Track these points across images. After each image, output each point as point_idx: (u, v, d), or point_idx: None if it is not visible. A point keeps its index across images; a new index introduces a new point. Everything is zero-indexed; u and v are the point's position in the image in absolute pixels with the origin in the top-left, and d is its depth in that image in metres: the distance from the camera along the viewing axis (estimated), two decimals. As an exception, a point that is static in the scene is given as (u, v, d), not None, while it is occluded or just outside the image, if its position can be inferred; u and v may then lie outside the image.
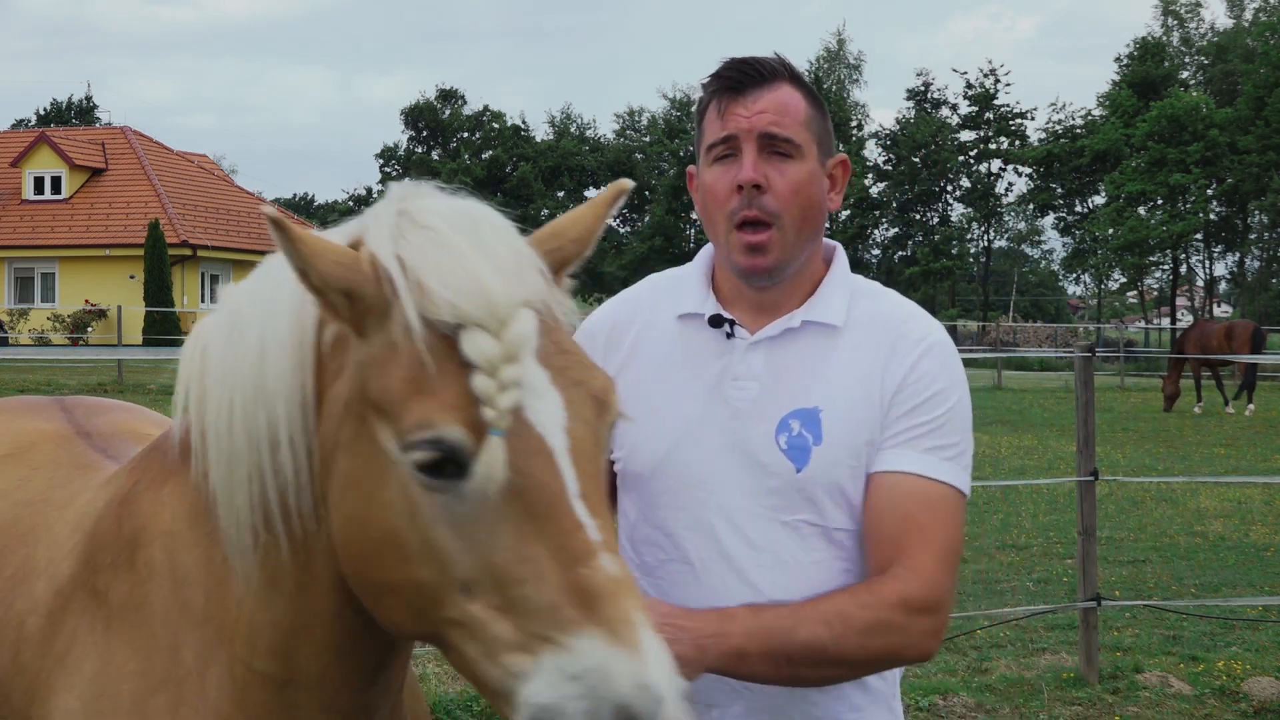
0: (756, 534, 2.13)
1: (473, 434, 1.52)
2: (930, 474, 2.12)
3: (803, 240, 2.18)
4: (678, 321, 2.26)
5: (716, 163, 2.18)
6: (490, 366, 1.53)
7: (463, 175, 66.53)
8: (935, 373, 2.16)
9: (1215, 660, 7.15)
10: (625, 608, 1.50)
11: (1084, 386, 7.16)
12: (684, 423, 2.18)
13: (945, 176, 62.57)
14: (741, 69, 2.18)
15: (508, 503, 1.54)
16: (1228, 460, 16.95)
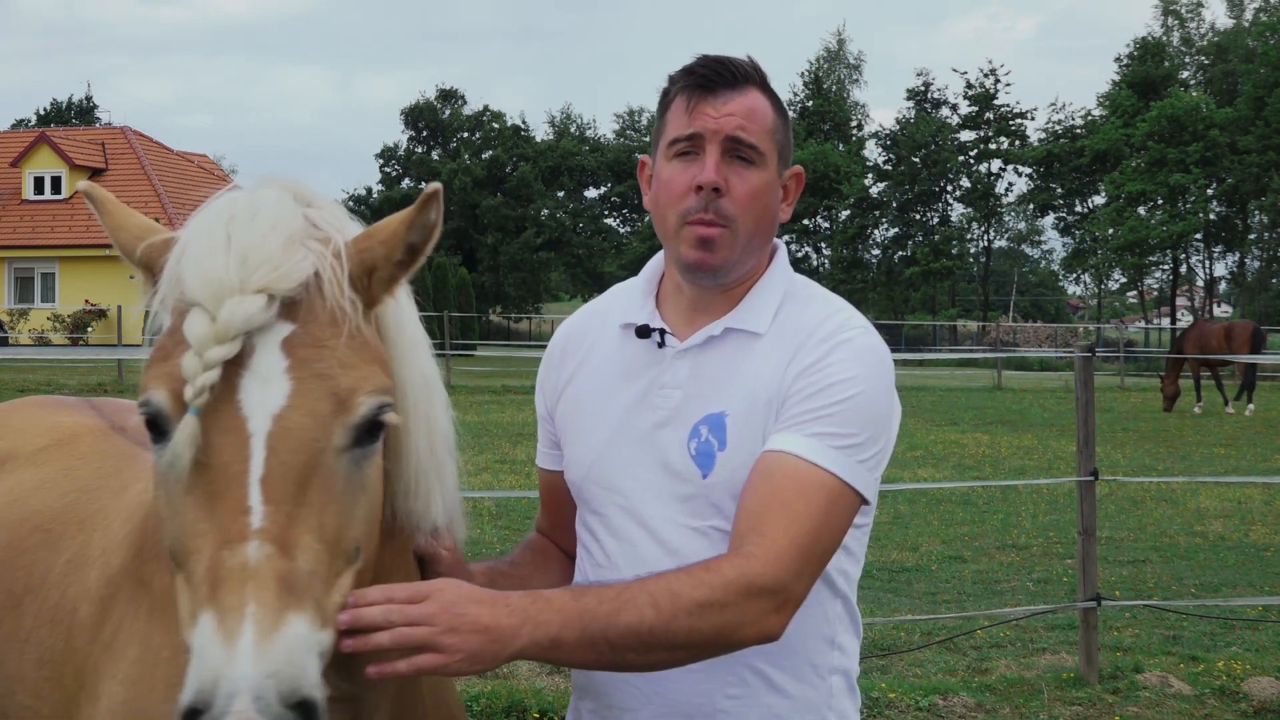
0: (673, 541, 2.13)
1: (177, 405, 1.59)
2: (812, 458, 2.01)
3: (752, 248, 2.17)
4: (620, 331, 2.27)
5: (677, 158, 2.16)
6: (199, 346, 1.59)
7: (463, 175, 66.54)
8: (841, 364, 2.07)
9: (1215, 660, 7.14)
10: (242, 596, 1.49)
11: (1084, 386, 7.15)
12: (611, 432, 2.20)
13: (945, 176, 62.54)
14: (715, 68, 2.16)
15: (196, 477, 1.59)
16: (1228, 460, 16.94)
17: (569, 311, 12.69)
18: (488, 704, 6.22)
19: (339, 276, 1.71)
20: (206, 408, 1.59)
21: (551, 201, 70.23)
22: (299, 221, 1.73)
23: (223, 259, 1.63)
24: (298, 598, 1.53)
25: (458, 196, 66.81)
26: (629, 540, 2.17)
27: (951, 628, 7.69)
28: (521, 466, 14.39)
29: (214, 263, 1.63)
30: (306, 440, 1.62)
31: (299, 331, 1.65)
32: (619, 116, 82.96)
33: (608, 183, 75.20)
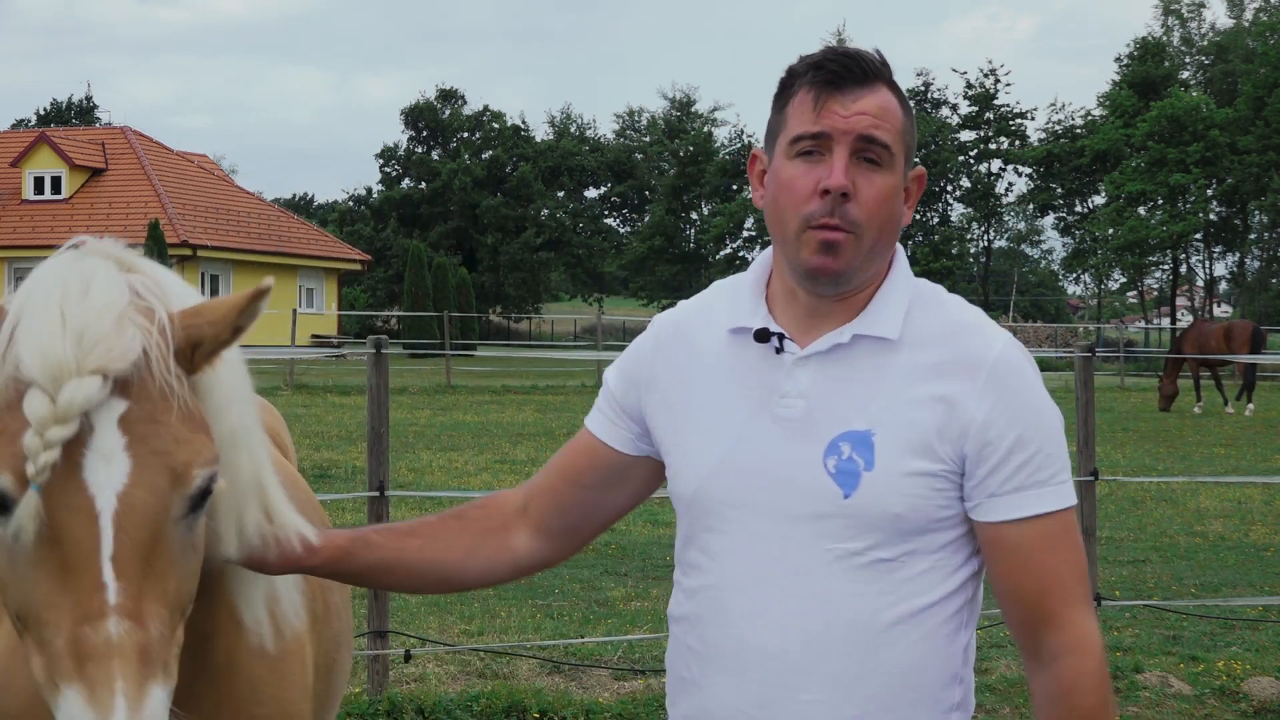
0: (796, 561, 2.01)
1: (19, 483, 1.65)
2: (1047, 509, 2.01)
3: (875, 254, 2.04)
4: (729, 335, 2.13)
5: (800, 157, 2.02)
6: (40, 425, 1.65)
7: (463, 175, 66.54)
8: (1015, 400, 2.02)
9: (1215, 660, 7.15)
10: (109, 672, 1.61)
11: (1084, 386, 7.16)
12: (726, 442, 2.07)
13: (945, 176, 62.56)
14: (845, 63, 2.03)
15: (46, 551, 1.66)
16: (1228, 460, 16.95)
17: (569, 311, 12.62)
18: (488, 704, 6.22)
19: (165, 354, 1.77)
20: (49, 485, 1.66)
21: (551, 201, 70.21)
22: (127, 295, 1.79)
23: (60, 340, 1.69)
24: (154, 666, 1.65)
25: (458, 196, 66.83)
26: (748, 557, 2.04)
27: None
28: (521, 466, 14.38)
29: (51, 343, 1.68)
30: (149, 515, 1.71)
31: (133, 408, 1.73)
32: (619, 116, 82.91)
33: (608, 183, 75.17)
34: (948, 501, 2.02)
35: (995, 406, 2.00)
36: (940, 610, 2.03)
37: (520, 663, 7.04)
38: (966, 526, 2.05)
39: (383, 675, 6.43)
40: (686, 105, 75.22)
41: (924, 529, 2.01)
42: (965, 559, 2.06)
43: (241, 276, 45.21)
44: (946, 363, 2.02)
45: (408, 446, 16.21)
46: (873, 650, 1.99)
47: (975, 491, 2.01)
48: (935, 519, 2.01)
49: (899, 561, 2.00)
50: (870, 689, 1.99)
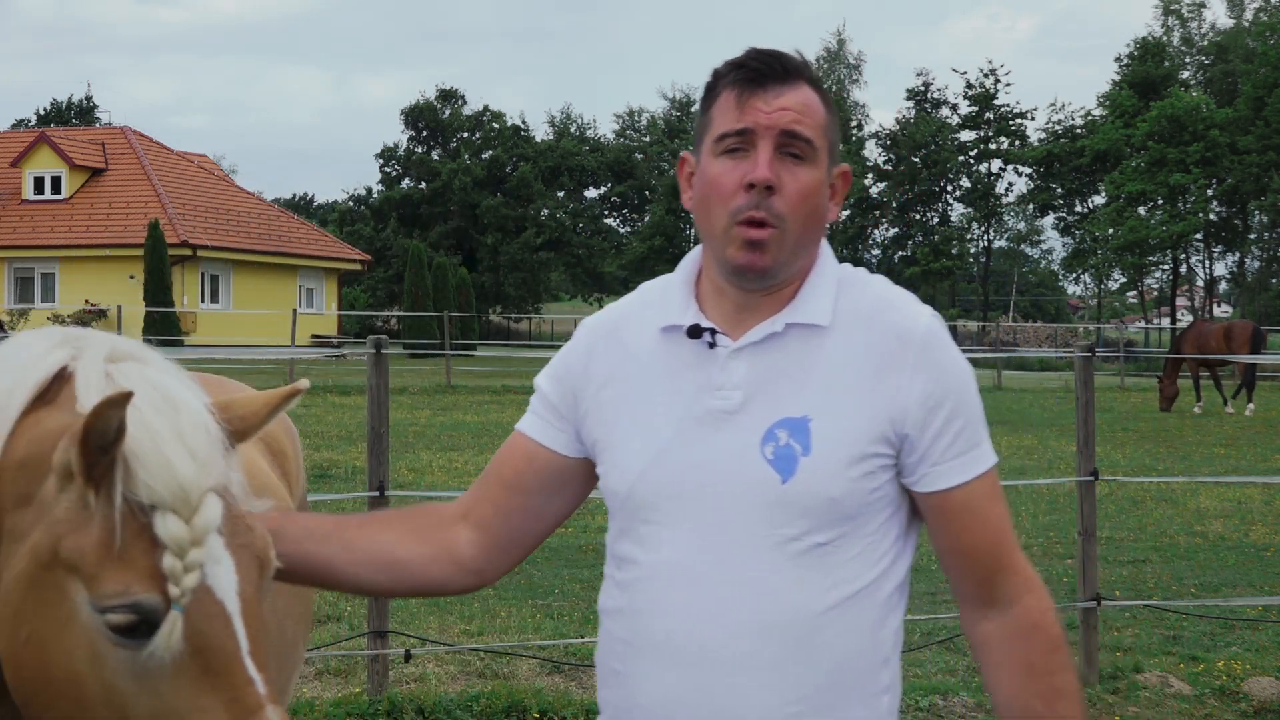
0: (733, 549, 2.04)
1: (165, 602, 1.70)
2: (983, 469, 2.11)
3: (800, 248, 2.10)
4: (660, 333, 2.17)
5: (726, 155, 2.07)
6: (179, 549, 1.71)
7: (463, 175, 66.54)
8: (945, 373, 2.10)
9: (1215, 660, 7.15)
10: None
11: (1084, 386, 7.16)
12: (662, 437, 2.10)
13: (945, 176, 62.57)
14: (766, 61, 2.09)
15: (188, 659, 1.71)
16: (1228, 460, 16.95)
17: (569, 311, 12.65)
18: (488, 704, 6.22)
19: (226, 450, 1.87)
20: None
21: (551, 201, 70.20)
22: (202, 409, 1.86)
23: (185, 463, 1.75)
24: None
25: (458, 196, 66.84)
26: (686, 549, 2.06)
27: (951, 628, 7.68)
28: (521, 466, 14.36)
29: (179, 467, 1.74)
30: (256, 607, 1.82)
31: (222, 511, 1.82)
32: (619, 116, 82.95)
33: (608, 183, 75.17)
34: (880, 484, 2.07)
35: (929, 381, 2.07)
36: (873, 594, 2.08)
37: (520, 663, 7.04)
38: (893, 508, 2.11)
39: (383, 675, 6.43)
40: (686, 105, 75.21)
41: (857, 512, 2.06)
42: (893, 542, 2.12)
43: (241, 276, 45.21)
44: (875, 343, 2.08)
45: (408, 446, 16.21)
46: (810, 635, 2.03)
47: (919, 464, 2.08)
48: (867, 502, 2.07)
49: (834, 545, 2.05)
50: (809, 674, 2.02)
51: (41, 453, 1.79)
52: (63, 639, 1.73)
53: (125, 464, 1.73)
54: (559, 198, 72.13)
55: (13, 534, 1.79)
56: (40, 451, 1.79)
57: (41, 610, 1.74)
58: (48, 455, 1.77)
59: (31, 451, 1.80)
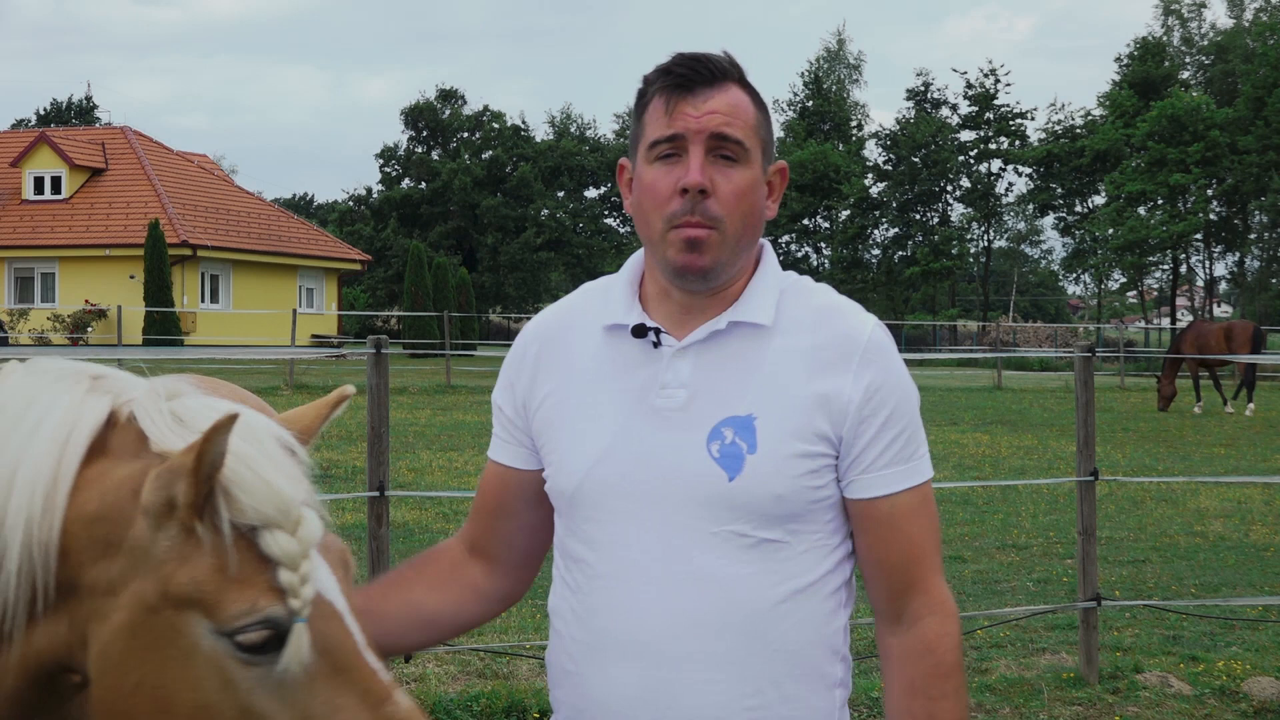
0: (683, 546, 2.06)
1: (288, 615, 1.74)
2: (912, 483, 2.12)
3: (740, 247, 2.11)
4: (604, 332, 2.18)
5: (658, 161, 2.09)
6: (292, 562, 1.75)
7: (463, 175, 66.53)
8: (886, 382, 2.11)
9: (1215, 660, 7.15)
10: None
11: (1084, 386, 7.15)
12: (608, 435, 2.12)
13: (945, 176, 62.55)
14: (693, 66, 2.10)
15: (317, 663, 1.76)
16: (1228, 460, 16.95)
17: (569, 311, 12.41)
18: (488, 704, 6.22)
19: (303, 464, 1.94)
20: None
21: (551, 201, 70.20)
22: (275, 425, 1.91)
23: (286, 482, 1.80)
24: None
25: (458, 196, 66.83)
26: (636, 547, 2.09)
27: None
28: (521, 466, 14.37)
29: (282, 488, 1.79)
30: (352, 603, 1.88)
31: None
32: (619, 116, 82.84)
33: (608, 183, 75.12)
34: (825, 482, 2.10)
35: (870, 387, 2.10)
36: (821, 589, 2.11)
37: (520, 663, 7.04)
38: (839, 510, 2.14)
39: (383, 675, 6.43)
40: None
41: (803, 510, 2.09)
42: (840, 540, 2.15)
43: (241, 276, 45.21)
44: (820, 346, 2.11)
45: (408, 446, 16.21)
46: (762, 630, 2.05)
47: (850, 469, 2.11)
48: (814, 500, 2.09)
49: (782, 542, 2.08)
50: (765, 667, 2.06)
51: (119, 502, 1.79)
52: (185, 675, 1.75)
53: (225, 490, 1.76)
54: (559, 198, 72.11)
55: (94, 589, 1.80)
56: (119, 500, 1.79)
57: (153, 654, 1.76)
58: (128, 503, 1.78)
59: (108, 502, 1.80)
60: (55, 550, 1.79)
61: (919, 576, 2.14)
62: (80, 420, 1.85)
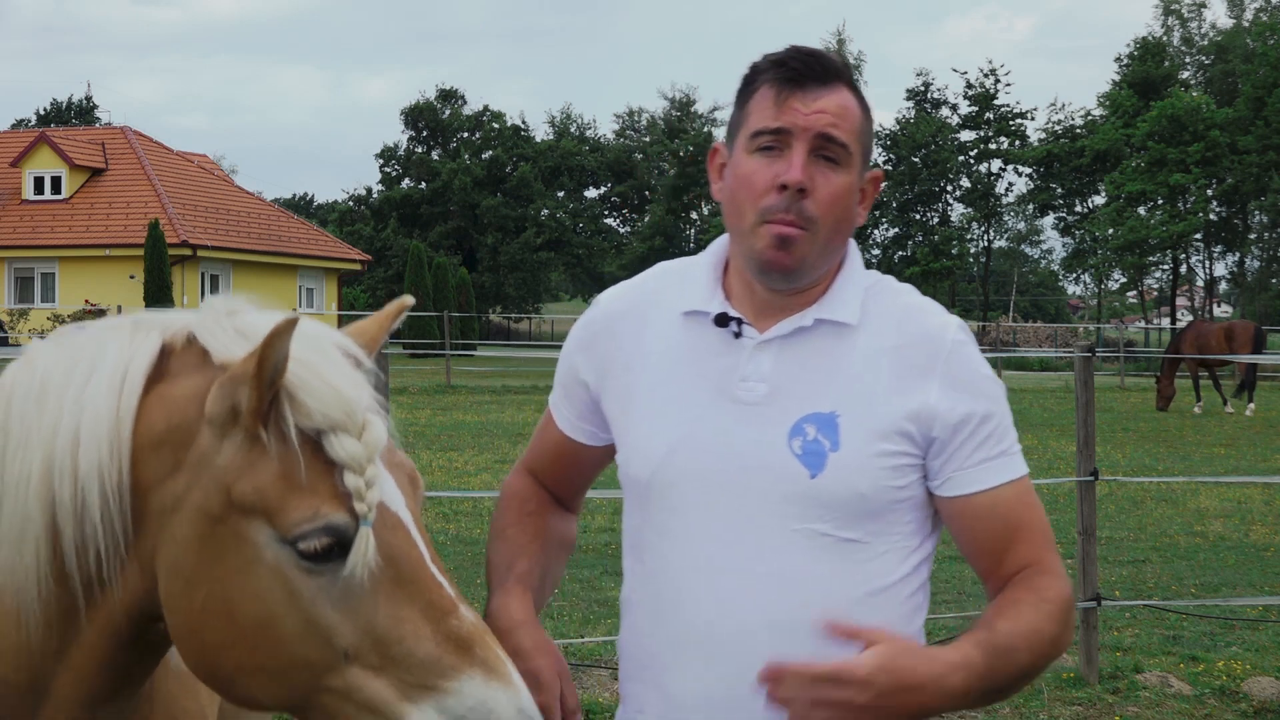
0: (759, 541, 2.03)
1: (353, 520, 1.73)
2: (1013, 476, 2.10)
3: (829, 251, 2.09)
4: (682, 318, 2.16)
5: (759, 152, 2.06)
6: (357, 465, 1.75)
7: (463, 175, 66.50)
8: (974, 379, 2.10)
9: (1215, 660, 7.15)
10: (494, 649, 1.76)
11: (1084, 386, 7.15)
12: (685, 423, 2.09)
13: (945, 176, 62.54)
14: (807, 62, 2.07)
15: (381, 573, 1.74)
16: (1228, 460, 16.94)
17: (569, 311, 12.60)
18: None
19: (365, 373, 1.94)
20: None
21: (551, 201, 70.16)
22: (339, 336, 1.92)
23: (350, 386, 1.80)
24: None
25: (458, 196, 66.80)
26: (713, 541, 2.05)
27: (951, 628, 7.68)
28: (521, 466, 14.36)
29: (348, 391, 1.79)
30: (420, 521, 1.87)
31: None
32: (619, 116, 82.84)
33: (608, 183, 75.13)
34: (907, 482, 2.07)
35: (957, 387, 2.08)
36: (899, 591, 2.08)
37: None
38: (920, 510, 2.11)
39: (383, 675, 6.42)
40: (686, 105, 75.17)
41: (885, 510, 2.06)
42: (920, 542, 2.12)
43: (241, 276, 45.17)
44: (905, 346, 2.09)
45: (407, 446, 16.08)
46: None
47: (944, 468, 2.08)
48: (895, 500, 2.07)
49: (862, 543, 2.05)
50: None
51: (185, 417, 1.79)
52: (249, 586, 1.74)
53: (289, 395, 1.76)
54: (559, 198, 72.08)
55: (162, 510, 1.80)
56: (183, 417, 1.80)
57: (217, 566, 1.75)
58: (193, 416, 1.78)
59: (173, 421, 1.80)
60: (128, 489, 1.79)
61: (1034, 557, 2.11)
62: (134, 358, 1.84)
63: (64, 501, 1.80)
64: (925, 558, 2.13)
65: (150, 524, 1.81)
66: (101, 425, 1.80)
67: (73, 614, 1.85)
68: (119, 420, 1.80)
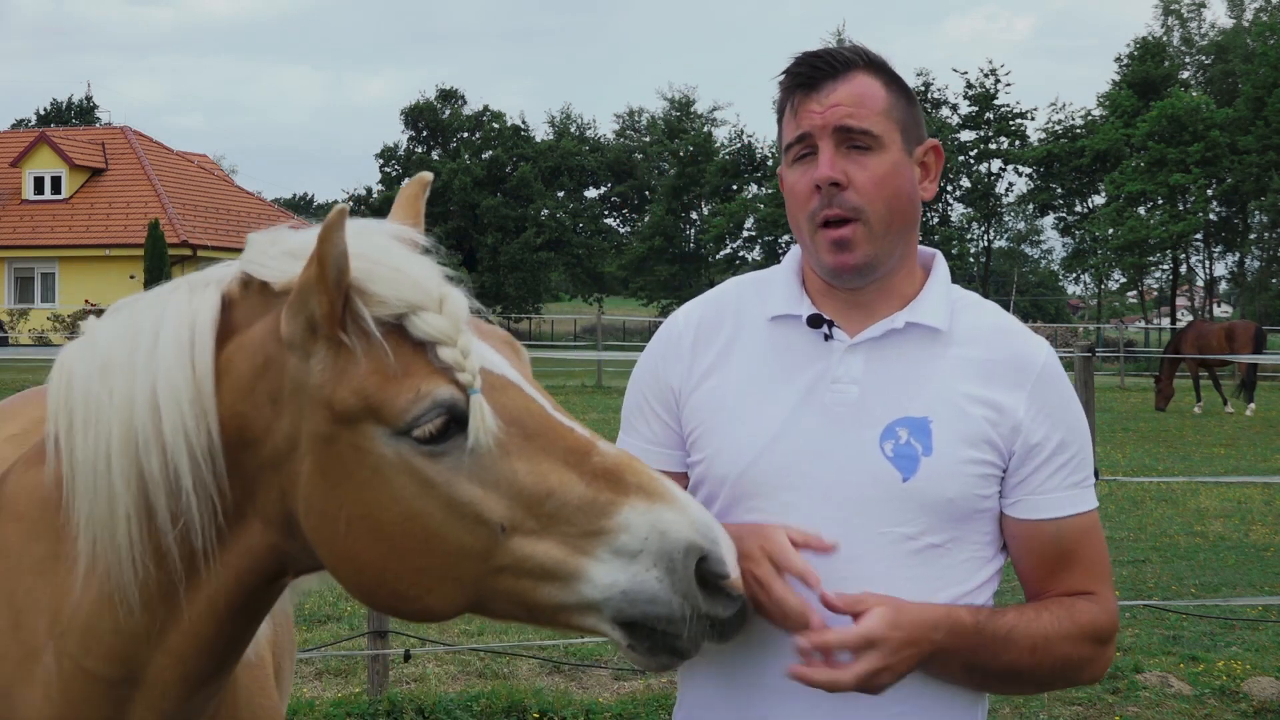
0: (851, 543, 2.02)
1: (460, 392, 1.67)
2: (1083, 509, 2.11)
3: (893, 235, 2.09)
4: (769, 323, 2.16)
5: (796, 163, 2.10)
6: (447, 338, 1.69)
7: (463, 175, 66.48)
8: (1060, 406, 2.10)
9: (1215, 660, 7.15)
10: (646, 471, 1.69)
11: (1084, 386, 7.15)
12: (777, 424, 2.09)
13: (945, 176, 62.55)
14: (812, 63, 2.10)
15: (508, 436, 1.68)
16: (1228, 460, 16.94)
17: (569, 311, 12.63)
18: (488, 704, 6.22)
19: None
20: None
21: (551, 201, 70.13)
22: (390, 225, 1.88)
23: (417, 264, 1.76)
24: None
25: (458, 196, 66.79)
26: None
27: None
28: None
29: (415, 270, 1.74)
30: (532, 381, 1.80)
31: None
32: (619, 116, 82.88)
33: (608, 183, 75.11)
34: (990, 492, 2.08)
35: (1043, 411, 2.08)
36: (975, 599, 2.09)
37: (520, 663, 7.03)
38: (996, 524, 2.13)
39: (383, 675, 6.43)
40: (686, 105, 75.15)
41: (969, 517, 2.07)
42: (995, 552, 2.15)
43: (241, 276, 45.17)
44: (996, 361, 2.09)
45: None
46: None
47: (1017, 489, 2.09)
48: (979, 509, 2.08)
49: (946, 548, 2.06)
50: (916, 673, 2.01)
51: (267, 355, 1.74)
52: (383, 493, 1.68)
53: (359, 291, 1.70)
54: (559, 198, 72.05)
55: (276, 457, 1.74)
56: (265, 355, 1.74)
57: (347, 486, 1.69)
58: (274, 349, 1.73)
59: (256, 364, 1.75)
60: (220, 451, 1.74)
61: (1085, 586, 2.12)
62: (198, 315, 1.78)
63: (153, 474, 1.74)
64: (998, 570, 2.15)
65: (267, 475, 1.75)
66: (180, 390, 1.74)
67: (172, 593, 1.79)
68: (198, 381, 1.74)
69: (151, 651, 1.81)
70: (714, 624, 1.69)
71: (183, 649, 1.81)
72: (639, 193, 74.89)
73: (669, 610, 1.65)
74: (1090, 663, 2.08)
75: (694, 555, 1.65)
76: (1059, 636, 2.03)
